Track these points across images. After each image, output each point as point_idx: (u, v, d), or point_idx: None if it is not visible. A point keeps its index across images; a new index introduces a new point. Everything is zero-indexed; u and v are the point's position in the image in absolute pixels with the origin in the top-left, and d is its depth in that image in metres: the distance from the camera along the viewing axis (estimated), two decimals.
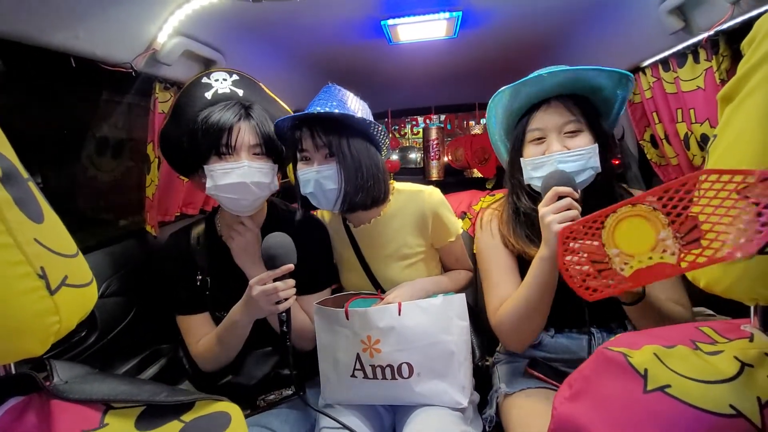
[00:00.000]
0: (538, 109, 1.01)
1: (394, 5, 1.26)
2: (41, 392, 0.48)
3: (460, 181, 2.54)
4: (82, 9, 0.91)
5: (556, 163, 0.96)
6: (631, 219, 0.65)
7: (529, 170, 1.02)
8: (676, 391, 0.51)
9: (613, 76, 0.97)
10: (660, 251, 0.62)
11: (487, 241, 1.14)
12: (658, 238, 0.61)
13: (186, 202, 1.49)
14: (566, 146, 0.97)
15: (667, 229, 0.61)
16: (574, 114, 0.98)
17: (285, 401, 1.09)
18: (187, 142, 1.03)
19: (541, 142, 1.01)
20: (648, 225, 0.63)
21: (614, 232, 0.67)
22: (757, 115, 0.48)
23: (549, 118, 0.99)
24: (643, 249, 0.63)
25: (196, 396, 0.53)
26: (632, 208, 0.65)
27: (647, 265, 0.63)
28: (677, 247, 0.60)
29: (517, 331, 1.03)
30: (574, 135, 0.98)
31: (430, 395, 0.99)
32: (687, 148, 1.24)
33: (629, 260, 0.66)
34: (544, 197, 0.91)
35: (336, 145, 1.01)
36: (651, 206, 0.63)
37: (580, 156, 0.95)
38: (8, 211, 0.42)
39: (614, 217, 0.67)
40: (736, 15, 0.93)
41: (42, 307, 0.43)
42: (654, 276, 0.63)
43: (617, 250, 0.67)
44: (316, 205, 1.11)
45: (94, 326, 1.09)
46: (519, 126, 1.06)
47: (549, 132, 0.99)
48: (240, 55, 1.43)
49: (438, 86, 2.31)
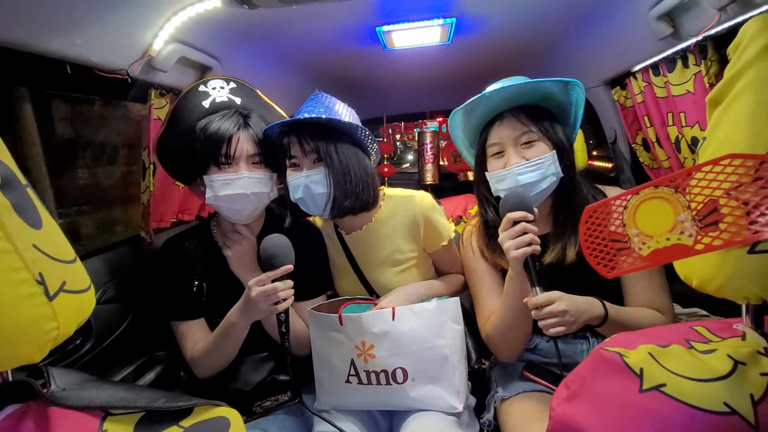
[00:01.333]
0: (494, 124, 1.05)
1: (389, 12, 1.28)
2: (38, 400, 0.48)
3: (453, 186, 2.56)
4: (78, 15, 0.92)
5: (516, 176, 0.98)
6: (653, 201, 0.65)
7: (494, 183, 1.04)
8: (671, 390, 0.52)
9: (555, 84, 1.00)
10: (678, 232, 0.62)
11: (469, 258, 1.17)
12: (677, 219, 0.62)
13: (182, 208, 1.48)
14: (524, 157, 1.00)
15: (686, 211, 0.61)
16: (527, 125, 1.01)
17: (281, 407, 1.08)
18: (186, 151, 1.03)
19: (500, 156, 1.04)
20: (668, 206, 0.63)
21: (635, 213, 0.67)
22: (744, 117, 0.50)
23: (504, 132, 1.02)
24: (662, 230, 0.63)
25: (195, 401, 0.53)
26: (654, 190, 0.65)
27: (664, 246, 0.63)
28: (695, 229, 0.60)
29: (504, 343, 1.06)
30: (529, 145, 1.01)
31: (425, 400, 0.99)
32: (678, 151, 1.26)
33: (648, 240, 0.66)
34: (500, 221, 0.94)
35: (324, 150, 1.02)
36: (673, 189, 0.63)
37: (538, 165, 0.98)
38: (7, 217, 0.42)
39: (637, 198, 0.67)
40: (723, 21, 0.95)
41: (40, 313, 0.43)
42: (670, 256, 0.64)
43: (637, 230, 0.67)
44: (306, 211, 1.11)
45: (89, 334, 1.08)
46: (479, 142, 1.09)
47: (506, 145, 1.02)
48: (236, 62, 1.43)
49: (433, 91, 2.33)
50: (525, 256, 0.89)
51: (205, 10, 1.09)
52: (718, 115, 0.55)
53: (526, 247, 0.88)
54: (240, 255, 1.06)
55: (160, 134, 1.08)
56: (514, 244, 0.89)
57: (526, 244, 0.88)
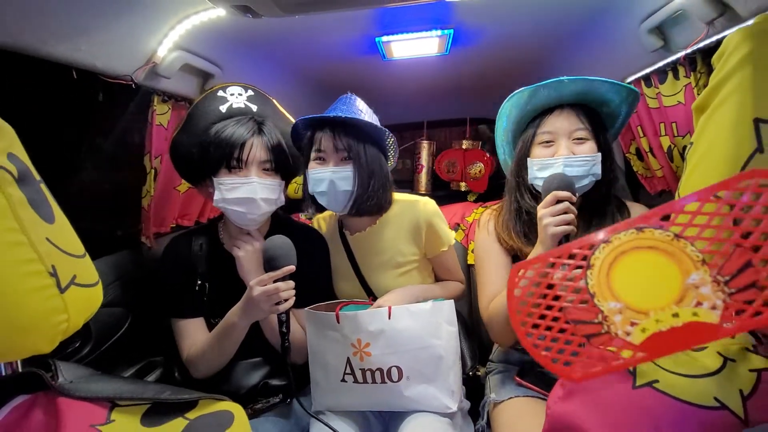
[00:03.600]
0: (551, 113, 1.07)
1: (388, 23, 1.31)
2: (47, 391, 0.48)
3: (446, 195, 2.59)
4: (84, 22, 0.94)
5: (563, 166, 1.01)
6: (639, 252, 0.42)
7: (534, 170, 1.06)
8: (663, 386, 0.53)
9: (622, 91, 1.04)
10: (692, 304, 0.40)
11: (483, 239, 1.18)
12: (687, 283, 0.40)
13: (182, 213, 1.49)
14: (573, 152, 1.02)
15: (702, 268, 0.39)
16: (583, 123, 1.04)
17: (272, 408, 1.08)
18: (198, 153, 1.05)
19: (549, 145, 1.06)
20: (669, 262, 0.41)
21: (610, 275, 0.43)
22: (728, 123, 0.52)
23: (560, 123, 1.05)
24: (664, 302, 0.41)
25: (200, 395, 0.53)
26: (638, 236, 0.41)
27: (671, 326, 0.41)
28: (720, 296, 0.39)
29: (506, 326, 1.05)
30: (581, 142, 1.03)
31: (419, 399, 1.00)
32: (671, 161, 1.29)
33: (640, 319, 0.43)
34: (544, 198, 0.95)
35: (355, 150, 1.06)
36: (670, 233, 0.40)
37: (585, 162, 1.01)
38: (22, 210, 0.43)
39: (609, 249, 0.42)
40: (711, 34, 0.98)
41: (52, 305, 0.44)
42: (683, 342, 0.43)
43: (618, 304, 0.43)
44: (324, 205, 1.13)
45: (88, 337, 1.08)
46: (530, 127, 1.11)
47: (559, 136, 1.05)
48: (238, 70, 1.46)
49: (431, 101, 2.37)
50: (564, 233, 0.91)
51: (209, 19, 1.12)
52: (703, 121, 0.57)
53: (566, 225, 0.91)
54: (249, 257, 1.07)
55: (176, 134, 1.10)
56: (557, 221, 0.91)
57: (566, 222, 0.91)
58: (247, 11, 0.96)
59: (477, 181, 2.49)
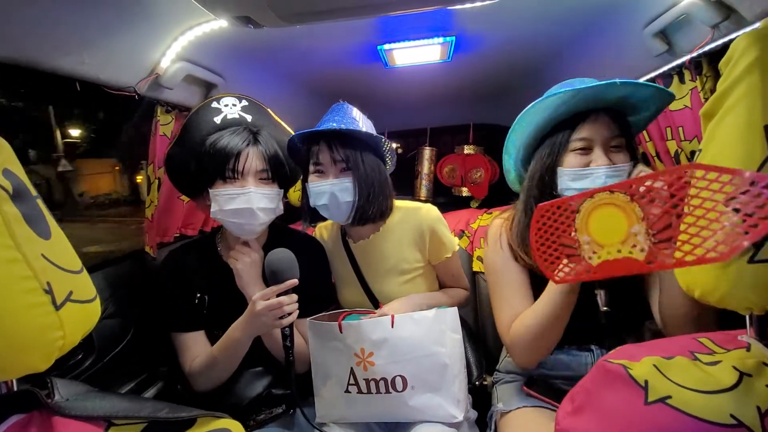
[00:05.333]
0: (586, 119, 0.97)
1: (390, 31, 1.31)
2: (42, 409, 0.48)
3: (448, 201, 2.58)
4: (88, 35, 0.95)
5: (604, 177, 0.93)
6: (607, 207, 0.62)
7: (566, 180, 0.97)
8: (676, 402, 0.52)
9: (665, 96, 0.95)
10: (630, 245, 0.59)
11: (496, 255, 1.10)
12: (630, 231, 0.59)
13: (185, 223, 1.49)
14: (612, 161, 0.95)
15: (640, 223, 0.58)
16: (619, 129, 0.96)
17: (275, 419, 1.07)
18: (194, 165, 1.04)
19: (584, 153, 0.97)
20: (622, 216, 0.60)
21: (588, 219, 0.64)
22: (737, 130, 0.51)
23: (598, 130, 0.96)
24: (614, 240, 0.61)
25: (198, 413, 0.52)
26: (610, 196, 0.61)
27: (615, 258, 0.61)
28: (648, 243, 0.58)
29: (533, 348, 0.99)
30: (618, 150, 0.96)
31: (424, 409, 0.98)
32: (678, 165, 1.28)
33: (598, 250, 0.63)
34: None
35: (353, 160, 1.05)
36: (628, 196, 0.60)
37: (622, 172, 0.93)
38: (18, 227, 0.43)
39: (591, 202, 0.63)
40: (716, 38, 0.97)
41: (47, 322, 0.44)
42: (620, 269, 0.61)
43: (588, 238, 0.64)
44: (327, 217, 1.12)
45: (91, 348, 1.08)
46: (561, 133, 1.00)
47: (596, 144, 0.96)
48: (240, 79, 1.46)
49: (433, 108, 2.37)
50: None
51: (211, 30, 1.12)
52: (711, 128, 0.56)
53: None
54: (247, 268, 1.06)
55: (170, 147, 1.09)
56: None
57: None
58: (249, 22, 0.96)
59: (477, 186, 2.48)
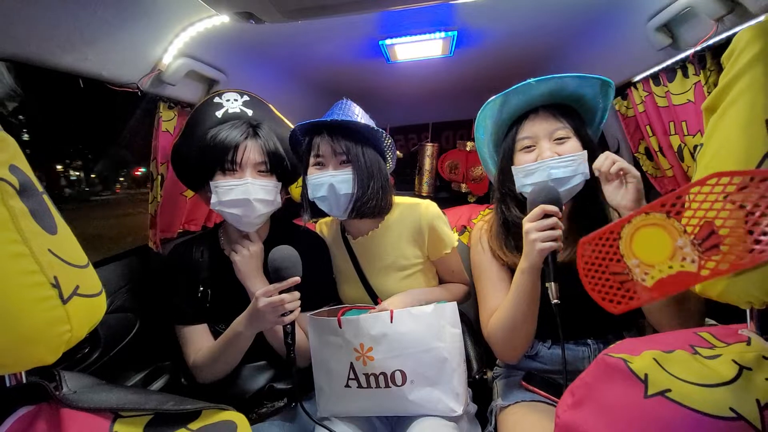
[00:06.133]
0: (527, 118, 1.04)
1: (392, 26, 1.31)
2: (50, 401, 0.48)
3: (449, 197, 2.58)
4: (91, 32, 0.95)
5: (549, 169, 0.97)
6: (646, 228, 0.63)
7: (520, 177, 1.03)
8: (676, 395, 0.52)
9: (595, 85, 1.02)
10: (679, 259, 0.59)
11: (478, 255, 1.16)
12: (676, 245, 0.59)
13: (188, 218, 1.50)
14: (557, 152, 0.99)
15: (684, 236, 0.58)
16: (562, 121, 1.01)
17: (277, 413, 1.08)
18: (196, 158, 1.06)
19: (531, 150, 1.03)
20: (664, 233, 0.61)
21: (631, 243, 0.64)
22: (739, 123, 0.51)
23: (538, 126, 1.02)
24: (662, 258, 0.61)
25: (203, 405, 0.53)
26: (646, 217, 0.62)
27: (668, 274, 0.61)
28: (696, 254, 0.57)
29: (507, 341, 1.04)
30: (563, 141, 1.00)
31: (423, 403, 0.99)
32: (681, 160, 1.27)
33: (650, 270, 0.63)
34: (529, 211, 0.92)
35: (353, 152, 1.06)
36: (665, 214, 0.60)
37: (571, 161, 0.97)
38: (24, 221, 0.43)
39: (630, 227, 0.64)
40: (720, 31, 0.96)
41: (54, 316, 0.44)
42: (678, 285, 0.60)
43: (636, 261, 0.64)
44: (325, 210, 1.13)
45: (97, 342, 1.09)
46: (509, 136, 1.08)
47: (539, 139, 1.02)
48: (242, 75, 1.46)
49: (435, 103, 2.36)
50: (551, 250, 0.88)
51: (213, 26, 1.12)
52: (714, 122, 0.56)
53: (552, 242, 0.87)
54: (247, 261, 1.07)
55: (176, 142, 1.13)
56: (543, 237, 0.88)
57: (553, 238, 0.88)
58: (250, 17, 0.96)
59: (478, 183, 2.48)
